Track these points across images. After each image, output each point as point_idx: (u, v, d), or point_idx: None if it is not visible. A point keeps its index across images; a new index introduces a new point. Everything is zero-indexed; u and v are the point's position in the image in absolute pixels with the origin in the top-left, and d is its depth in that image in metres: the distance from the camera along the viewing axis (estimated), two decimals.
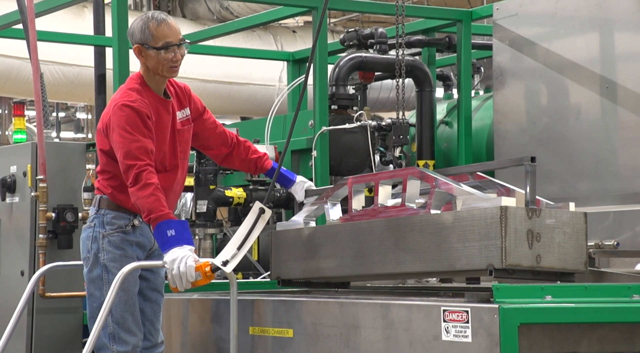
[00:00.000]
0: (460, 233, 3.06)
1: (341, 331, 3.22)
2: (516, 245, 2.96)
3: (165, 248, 3.26)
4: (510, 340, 2.78)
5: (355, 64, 5.55)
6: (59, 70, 9.57)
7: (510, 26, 5.16)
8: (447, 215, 3.13)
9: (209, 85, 10.30)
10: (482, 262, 2.99)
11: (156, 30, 3.39)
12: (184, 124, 3.55)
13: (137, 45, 3.42)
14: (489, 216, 2.99)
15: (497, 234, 2.95)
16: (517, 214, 2.99)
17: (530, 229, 3.00)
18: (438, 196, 3.22)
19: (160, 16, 3.44)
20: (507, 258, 2.94)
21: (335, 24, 13.64)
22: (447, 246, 3.09)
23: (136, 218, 3.46)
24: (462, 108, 5.73)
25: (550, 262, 3.03)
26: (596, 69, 4.74)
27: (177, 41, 3.42)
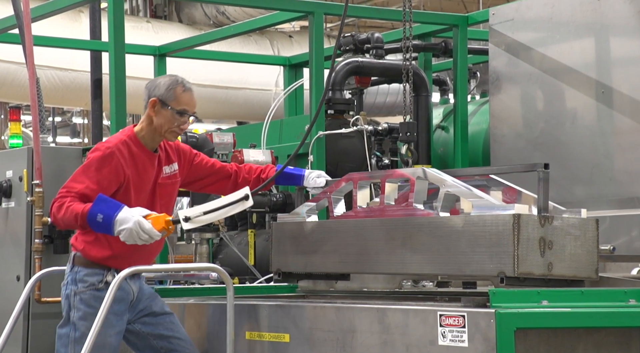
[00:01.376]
0: (470, 238, 3.06)
1: (337, 336, 3.22)
2: (528, 254, 2.97)
3: (110, 227, 3.28)
4: (507, 345, 2.78)
5: (352, 68, 5.55)
6: (55, 75, 9.56)
7: (506, 31, 5.17)
8: (457, 218, 3.12)
9: (206, 90, 10.30)
10: (492, 268, 3.00)
11: (182, 94, 3.51)
12: (170, 178, 3.61)
13: (155, 98, 3.50)
14: (501, 223, 2.99)
15: (509, 242, 2.96)
16: (529, 222, 2.99)
17: (542, 237, 3.01)
18: (447, 198, 3.20)
19: (189, 85, 3.57)
20: (520, 267, 2.95)
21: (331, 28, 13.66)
22: (457, 250, 3.09)
23: (110, 274, 3.45)
24: (458, 113, 5.73)
25: (561, 270, 3.04)
26: (592, 73, 4.74)
27: (193, 112, 3.55)
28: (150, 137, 3.53)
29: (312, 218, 3.68)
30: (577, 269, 3.08)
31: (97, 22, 6.94)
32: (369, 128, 5.32)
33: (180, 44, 7.03)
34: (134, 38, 8.45)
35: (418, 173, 3.35)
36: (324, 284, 4.31)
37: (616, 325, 2.97)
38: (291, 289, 4.41)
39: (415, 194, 3.31)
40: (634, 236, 4.36)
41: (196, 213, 3.34)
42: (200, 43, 6.92)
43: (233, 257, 5.17)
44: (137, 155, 3.48)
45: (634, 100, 4.58)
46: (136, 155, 3.48)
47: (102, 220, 3.29)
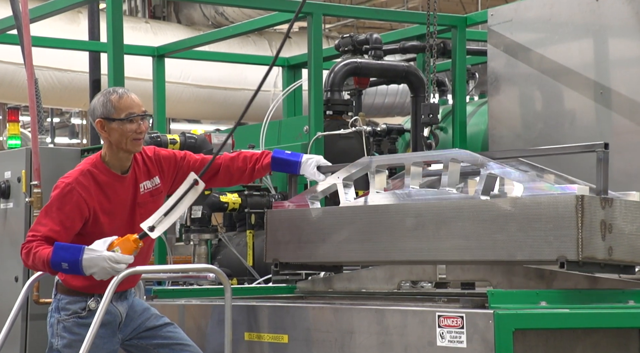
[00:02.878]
0: (522, 221, 2.90)
1: (336, 336, 3.22)
2: (591, 237, 2.84)
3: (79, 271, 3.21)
4: (505, 346, 2.78)
5: (350, 69, 5.55)
6: (53, 76, 9.56)
7: (505, 32, 5.17)
8: (506, 201, 2.96)
9: (204, 91, 10.30)
10: (551, 253, 2.86)
11: (119, 102, 3.36)
12: (152, 193, 3.46)
13: (99, 119, 3.36)
14: (562, 205, 2.84)
15: (571, 224, 2.81)
16: (592, 204, 2.86)
17: (603, 220, 2.88)
18: (489, 180, 3.05)
19: (122, 90, 3.41)
20: (584, 251, 2.83)
21: (330, 29, 13.66)
22: (505, 234, 2.93)
23: (93, 301, 3.38)
24: (457, 113, 5.73)
25: (620, 255, 2.92)
26: (590, 74, 4.75)
27: (141, 112, 3.37)
28: (115, 158, 3.39)
29: (315, 205, 3.53)
30: (634, 254, 2.95)
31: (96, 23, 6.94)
32: (368, 129, 5.32)
33: (178, 44, 7.03)
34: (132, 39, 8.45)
35: (453, 154, 3.18)
36: (322, 285, 4.31)
37: (614, 326, 2.97)
38: (290, 290, 4.41)
39: (448, 177, 3.13)
40: None
41: (157, 218, 3.28)
42: (199, 44, 6.92)
43: (232, 258, 5.17)
44: (104, 183, 3.37)
45: (632, 101, 4.58)
46: (103, 183, 3.36)
47: (68, 267, 3.21)
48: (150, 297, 4.05)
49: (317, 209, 3.48)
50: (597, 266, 2.91)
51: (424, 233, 3.14)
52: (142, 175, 3.46)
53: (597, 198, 2.89)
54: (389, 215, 3.22)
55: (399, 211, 3.20)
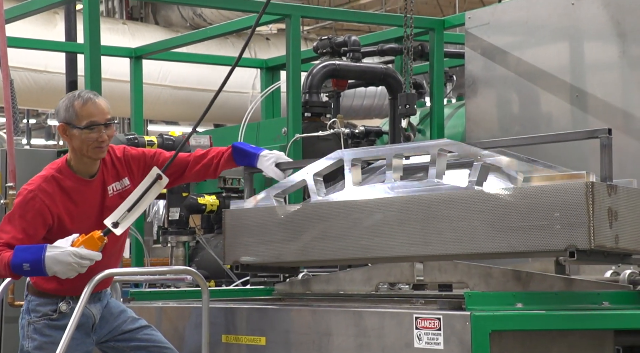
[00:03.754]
0: (524, 211, 2.78)
1: (314, 338, 3.22)
2: (601, 225, 2.75)
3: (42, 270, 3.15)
4: (482, 348, 2.79)
5: (329, 71, 5.56)
6: (29, 77, 9.48)
7: (482, 35, 5.19)
8: (506, 191, 2.83)
9: (182, 93, 10.26)
10: (560, 242, 2.75)
11: (81, 109, 3.26)
12: (121, 195, 3.38)
13: (61, 124, 3.29)
14: (571, 192, 2.73)
15: (582, 212, 2.70)
16: (601, 190, 2.76)
17: (610, 207, 2.79)
18: (483, 171, 2.91)
19: (87, 95, 3.30)
20: (595, 239, 2.72)
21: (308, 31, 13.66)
22: (505, 226, 2.81)
23: (64, 303, 3.33)
24: (434, 116, 5.76)
25: (625, 243, 2.84)
26: (566, 77, 4.78)
27: (104, 121, 3.26)
28: (79, 162, 3.31)
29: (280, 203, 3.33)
30: (637, 242, 2.86)
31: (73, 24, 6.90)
32: (346, 131, 5.33)
33: (156, 46, 7.01)
34: (109, 40, 8.41)
35: (441, 144, 3.02)
36: (300, 287, 4.30)
37: (590, 327, 2.99)
38: (268, 292, 4.41)
39: (437, 167, 2.98)
40: None
41: (121, 214, 3.23)
42: (177, 45, 6.90)
43: (209, 260, 5.16)
44: (70, 188, 3.30)
45: (607, 104, 4.62)
46: (69, 189, 3.30)
47: (30, 268, 3.14)
48: (127, 299, 4.02)
49: (284, 207, 3.29)
50: (602, 255, 2.81)
51: (411, 228, 2.98)
52: (111, 177, 3.39)
53: (604, 185, 2.81)
54: (371, 210, 3.08)
55: (380, 205, 3.05)
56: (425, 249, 2.98)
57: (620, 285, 3.31)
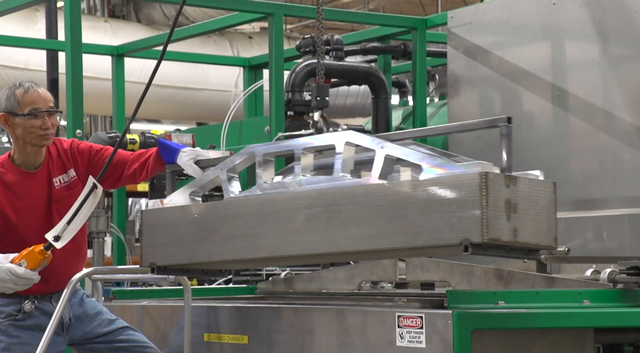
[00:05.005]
0: (421, 204, 2.67)
1: (296, 337, 3.21)
2: (496, 217, 2.62)
3: None
4: (464, 346, 2.80)
5: (312, 70, 5.56)
6: (10, 74, 9.42)
7: (465, 34, 5.21)
8: (405, 184, 2.73)
9: (165, 91, 10.23)
10: (453, 236, 2.63)
11: (23, 96, 3.24)
12: (68, 187, 3.34)
13: (2, 113, 3.25)
14: (465, 184, 2.62)
15: (475, 204, 2.58)
16: (497, 181, 2.64)
17: (508, 199, 2.65)
18: (385, 163, 2.80)
19: (29, 84, 3.28)
20: (489, 232, 2.59)
21: (291, 30, 13.65)
22: (403, 220, 2.70)
23: (28, 302, 3.28)
24: (417, 115, 5.77)
25: (525, 237, 2.71)
26: (548, 77, 4.80)
27: (46, 108, 3.24)
28: (23, 154, 3.28)
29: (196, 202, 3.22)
30: (539, 237, 2.73)
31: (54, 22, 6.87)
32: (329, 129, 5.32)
33: (138, 44, 6.98)
34: (91, 38, 8.36)
35: (346, 137, 2.89)
36: (283, 285, 4.30)
37: (571, 325, 3.01)
38: (250, 291, 4.40)
39: (343, 161, 2.87)
40: (588, 238, 4.42)
41: (61, 227, 3.18)
42: (159, 43, 6.87)
43: None
44: (12, 182, 3.26)
45: (588, 104, 4.64)
46: (11, 183, 3.26)
47: None
48: (109, 298, 4.01)
49: (197, 205, 3.17)
50: (502, 250, 2.69)
51: (317, 224, 2.84)
52: (56, 169, 3.34)
53: (501, 176, 2.67)
54: (278, 207, 2.94)
55: (288, 201, 2.92)
56: (331, 246, 2.84)
57: (601, 283, 3.33)
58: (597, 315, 3.05)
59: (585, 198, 4.58)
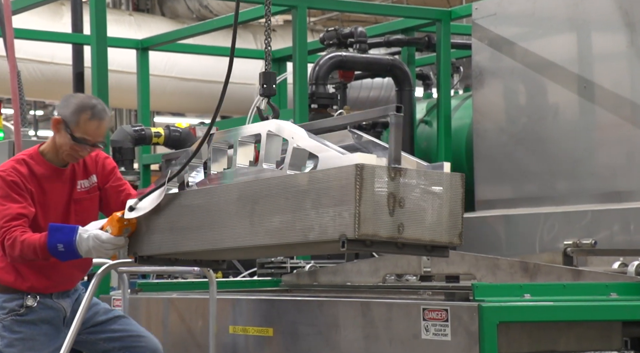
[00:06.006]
0: (315, 197, 2.57)
1: (321, 329, 3.22)
2: (374, 212, 2.49)
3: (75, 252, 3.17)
4: (490, 339, 2.79)
5: (335, 63, 5.55)
6: (36, 68, 9.50)
7: (489, 26, 5.18)
8: (302, 176, 2.65)
9: (189, 84, 10.26)
10: (335, 231, 2.53)
11: (85, 123, 3.27)
12: (88, 192, 3.41)
13: (59, 118, 3.31)
14: (344, 176, 2.51)
15: (350, 198, 2.48)
16: (375, 174, 2.51)
17: (392, 193, 2.53)
18: (296, 154, 2.72)
19: (99, 113, 3.29)
20: (361, 227, 2.47)
21: (315, 22, 13.64)
22: (302, 213, 2.61)
23: (30, 298, 3.32)
24: (441, 107, 5.75)
25: (416, 233, 2.56)
26: (574, 68, 4.77)
27: (94, 142, 3.30)
28: (54, 154, 3.35)
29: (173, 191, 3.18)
30: (436, 232, 2.58)
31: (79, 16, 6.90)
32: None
33: (162, 37, 7.01)
34: (116, 31, 8.40)
35: (270, 127, 2.85)
36: (307, 278, 4.31)
37: (597, 318, 2.98)
38: (275, 283, 4.41)
39: (265, 152, 2.81)
40: (615, 230, 4.39)
41: (136, 200, 3.19)
42: (183, 36, 6.90)
43: None
44: (39, 173, 3.33)
45: (615, 95, 4.60)
46: (38, 174, 3.32)
47: (64, 248, 3.17)
48: (134, 290, 4.04)
49: (169, 194, 3.13)
50: (392, 246, 2.55)
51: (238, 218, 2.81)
52: (81, 172, 3.41)
53: (383, 168, 2.54)
54: (214, 199, 2.91)
55: (218, 193, 2.91)
56: (253, 240, 2.78)
57: (628, 276, 3.30)
58: (624, 308, 3.03)
59: (612, 190, 4.55)
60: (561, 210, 4.63)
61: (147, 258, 3.23)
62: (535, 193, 4.83)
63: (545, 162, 4.85)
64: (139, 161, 6.48)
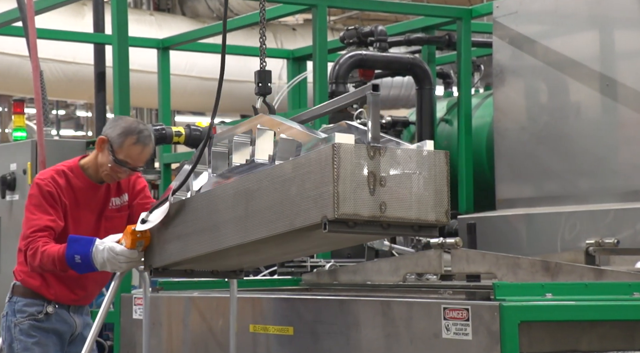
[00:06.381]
0: (299, 183, 2.57)
1: (341, 328, 3.22)
2: (353, 191, 2.47)
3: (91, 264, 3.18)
4: (511, 338, 2.78)
5: (355, 61, 5.55)
6: (58, 68, 9.56)
7: (510, 24, 5.15)
8: (286, 164, 2.65)
9: (209, 83, 10.30)
10: (317, 214, 2.50)
11: (129, 147, 3.35)
12: (119, 210, 3.49)
13: (105, 137, 3.38)
14: (323, 158, 2.49)
15: (329, 178, 2.46)
16: (353, 153, 2.49)
17: (372, 171, 2.50)
18: (283, 144, 2.73)
19: (145, 139, 3.35)
20: (340, 207, 2.45)
21: (335, 21, 13.63)
22: (289, 201, 2.60)
23: (50, 305, 3.40)
24: (462, 106, 5.73)
25: (399, 212, 2.52)
26: (596, 66, 4.73)
27: (134, 166, 3.38)
28: (94, 170, 3.43)
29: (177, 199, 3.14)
30: (420, 211, 2.54)
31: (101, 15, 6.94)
32: None
33: (183, 37, 7.03)
34: (137, 31, 8.44)
35: (257, 122, 2.89)
36: (327, 277, 4.31)
37: (620, 318, 2.96)
38: (295, 282, 4.42)
39: (257, 147, 2.83)
40: (638, 229, 4.35)
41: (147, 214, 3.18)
42: (204, 36, 6.92)
43: None
44: (76, 186, 3.39)
45: (638, 93, 4.57)
46: (75, 186, 3.39)
47: (80, 260, 3.20)
48: (155, 289, 4.05)
49: (174, 204, 3.12)
50: (377, 226, 2.51)
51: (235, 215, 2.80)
52: (115, 190, 3.49)
53: (361, 146, 2.50)
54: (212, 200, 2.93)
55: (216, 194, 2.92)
56: (248, 235, 2.76)
57: None
58: None
59: (635, 189, 4.51)
60: (583, 209, 4.60)
61: (162, 270, 3.21)
62: (557, 192, 4.80)
63: (567, 160, 4.82)
64: (159, 160, 6.51)
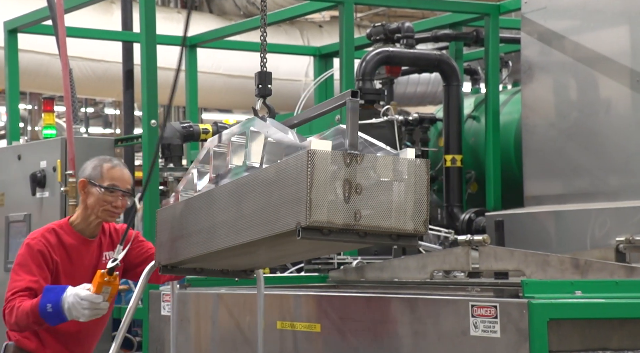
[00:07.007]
0: (281, 187, 2.58)
1: (369, 326, 3.22)
2: (327, 198, 2.47)
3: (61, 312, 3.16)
4: (540, 336, 2.76)
5: (382, 58, 5.53)
6: (87, 66, 9.64)
7: (539, 19, 5.11)
8: (270, 168, 2.67)
9: (236, 81, 10.32)
10: (293, 220, 2.51)
11: (108, 171, 3.39)
12: None
13: (83, 179, 3.40)
14: (299, 163, 2.50)
15: (303, 185, 2.46)
16: (328, 160, 2.48)
17: (347, 179, 2.49)
18: (271, 148, 2.74)
19: (117, 162, 3.45)
20: (313, 214, 2.44)
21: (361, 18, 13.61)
22: (271, 206, 2.62)
23: None
24: (489, 102, 5.69)
25: (375, 220, 2.51)
26: (627, 62, 4.68)
27: (124, 188, 3.38)
28: (85, 222, 3.42)
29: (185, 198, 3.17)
30: (398, 220, 2.52)
31: (129, 14, 6.98)
32: (400, 118, 5.29)
33: (210, 34, 7.05)
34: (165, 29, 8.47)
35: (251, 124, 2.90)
36: (355, 274, 4.31)
37: None
38: (322, 279, 4.42)
39: (249, 150, 2.85)
40: None
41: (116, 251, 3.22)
42: (231, 33, 6.93)
43: None
44: (67, 243, 3.39)
45: None
46: (67, 243, 3.39)
47: (51, 308, 3.17)
48: (183, 285, 4.08)
49: (181, 203, 3.13)
50: (353, 234, 2.50)
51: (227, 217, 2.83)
52: (106, 244, 3.49)
53: (337, 153, 2.50)
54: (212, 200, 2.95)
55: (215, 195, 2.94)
56: (237, 239, 2.78)
57: None
58: None
59: None
60: (613, 205, 4.55)
61: (172, 268, 3.22)
62: (586, 189, 4.75)
63: (596, 157, 4.77)
64: (186, 157, 6.54)
